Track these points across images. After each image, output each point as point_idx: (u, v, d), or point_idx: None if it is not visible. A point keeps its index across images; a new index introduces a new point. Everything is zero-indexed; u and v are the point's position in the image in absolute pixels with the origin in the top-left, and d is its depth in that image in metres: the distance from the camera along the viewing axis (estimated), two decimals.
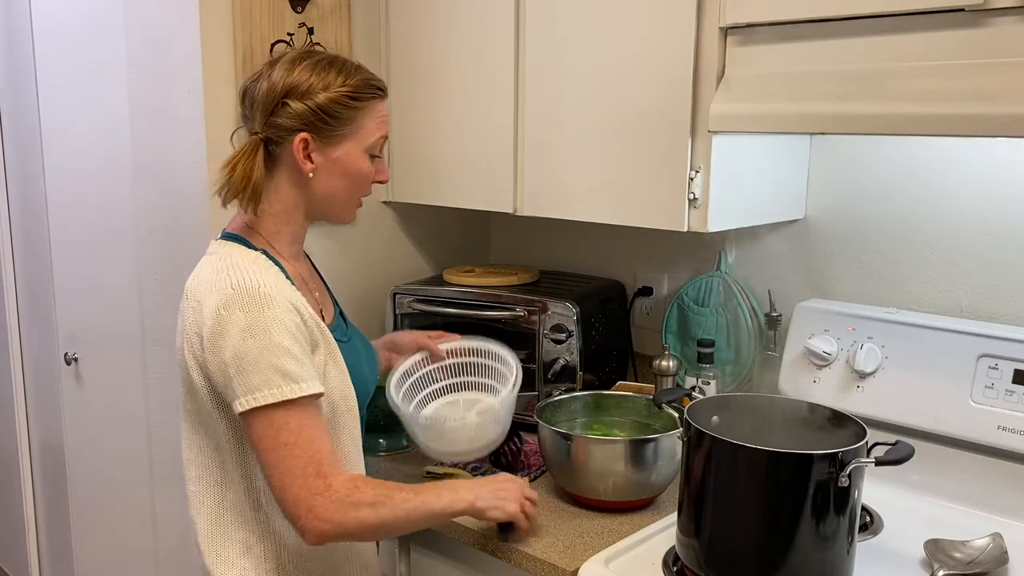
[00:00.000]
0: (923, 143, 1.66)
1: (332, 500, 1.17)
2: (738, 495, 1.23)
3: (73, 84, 2.25)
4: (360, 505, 1.18)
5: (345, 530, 1.18)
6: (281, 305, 1.21)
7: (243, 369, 1.17)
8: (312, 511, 1.16)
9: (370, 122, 1.31)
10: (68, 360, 2.45)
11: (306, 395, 1.18)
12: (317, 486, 1.16)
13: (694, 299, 1.96)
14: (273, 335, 1.18)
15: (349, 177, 1.32)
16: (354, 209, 1.38)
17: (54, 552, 2.81)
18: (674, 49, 1.56)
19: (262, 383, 1.16)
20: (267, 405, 1.16)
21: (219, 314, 1.18)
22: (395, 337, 1.70)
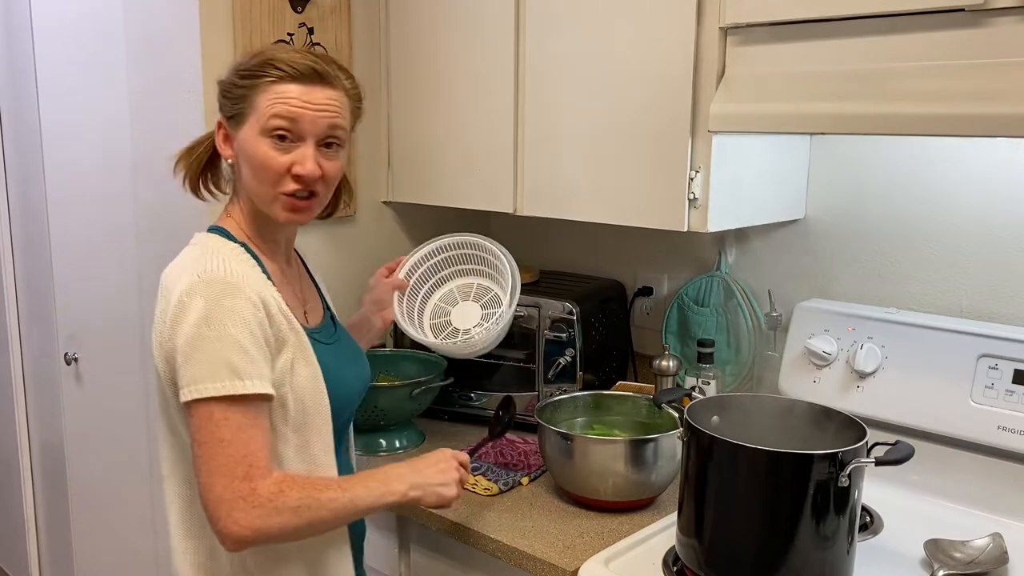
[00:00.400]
0: (923, 143, 1.66)
1: (254, 505, 1.12)
2: (738, 495, 1.23)
3: (73, 84, 2.25)
4: (282, 511, 1.14)
5: (265, 536, 1.14)
6: (244, 296, 1.17)
7: (191, 358, 1.14)
8: (231, 515, 1.12)
9: (264, 102, 1.21)
10: (68, 360, 2.45)
11: (250, 393, 1.14)
12: (242, 489, 1.12)
13: (694, 299, 1.96)
14: (228, 327, 1.14)
15: (249, 163, 1.23)
16: (275, 205, 1.25)
17: (54, 552, 2.81)
18: (674, 49, 1.56)
19: (208, 374, 1.13)
20: (209, 398, 1.13)
21: (181, 300, 1.16)
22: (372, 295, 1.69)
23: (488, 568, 1.53)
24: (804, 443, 1.33)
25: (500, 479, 1.66)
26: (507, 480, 1.66)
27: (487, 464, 1.74)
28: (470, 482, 1.65)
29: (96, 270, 2.30)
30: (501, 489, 1.63)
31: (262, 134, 1.22)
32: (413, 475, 1.28)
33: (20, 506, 2.87)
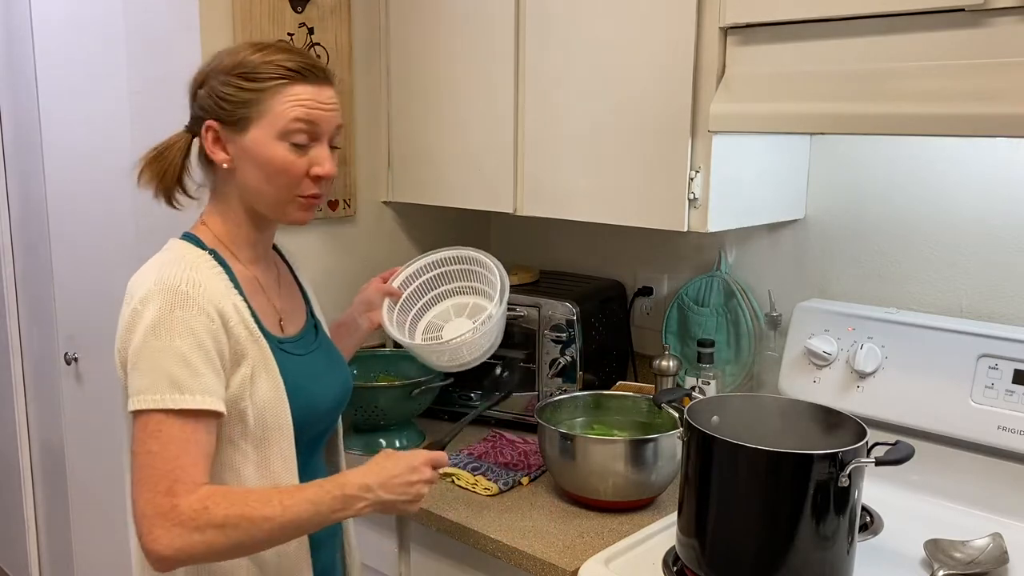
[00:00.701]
0: (923, 143, 1.66)
1: (174, 523, 1.07)
2: (738, 495, 1.23)
3: (73, 84, 2.25)
4: (205, 528, 1.07)
5: (189, 555, 1.08)
6: (197, 307, 1.13)
7: (137, 367, 1.11)
8: (151, 532, 1.07)
9: (278, 105, 1.18)
10: (68, 360, 2.45)
11: (190, 408, 1.10)
12: (163, 505, 1.07)
13: (694, 299, 1.96)
14: (175, 338, 1.11)
15: (262, 168, 1.20)
16: (290, 207, 1.23)
17: (54, 552, 2.81)
18: (674, 49, 1.56)
19: (149, 386, 1.10)
20: (149, 410, 1.10)
21: (135, 308, 1.14)
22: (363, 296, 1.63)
23: (488, 568, 1.53)
24: (804, 443, 1.33)
25: (500, 479, 1.66)
26: (507, 480, 1.66)
27: (487, 464, 1.74)
28: (470, 481, 1.65)
29: (96, 270, 2.30)
30: (501, 489, 1.64)
31: (280, 138, 1.19)
32: (377, 489, 1.18)
33: (20, 506, 2.87)
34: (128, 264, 2.16)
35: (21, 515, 2.87)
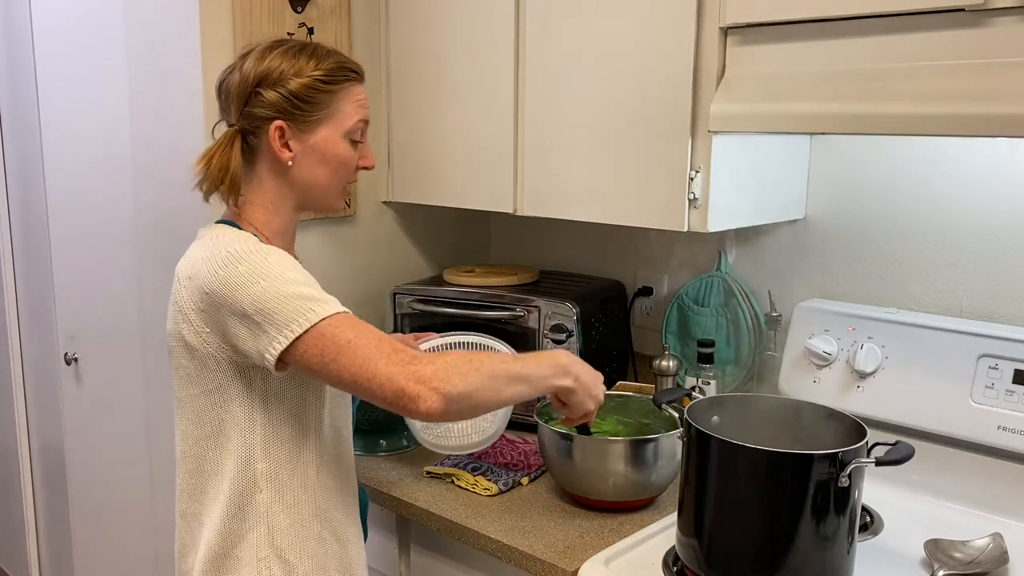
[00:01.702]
0: (923, 143, 1.66)
1: (426, 364, 1.11)
2: (738, 495, 1.23)
3: (73, 84, 2.25)
4: (458, 367, 1.12)
5: (456, 389, 1.11)
6: (281, 255, 1.21)
7: (268, 310, 1.15)
8: (413, 376, 1.10)
9: (347, 106, 1.30)
10: (68, 360, 2.45)
11: (338, 312, 1.16)
12: (403, 358, 1.12)
13: (694, 299, 1.96)
14: (285, 272, 1.18)
15: (329, 163, 1.30)
16: (339, 196, 1.35)
17: (54, 552, 2.81)
18: (674, 49, 1.56)
19: (293, 314, 1.14)
20: (307, 329, 1.14)
21: (219, 275, 1.17)
22: None
23: (488, 568, 1.53)
24: (804, 443, 1.33)
25: (500, 479, 1.66)
26: (507, 480, 1.66)
27: (487, 464, 1.74)
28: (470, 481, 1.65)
29: (96, 270, 2.30)
30: (501, 489, 1.64)
31: (345, 136, 1.30)
32: (581, 376, 1.28)
33: (20, 506, 2.87)
34: (128, 264, 2.17)
35: (21, 515, 2.87)
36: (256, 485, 1.27)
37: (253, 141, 1.29)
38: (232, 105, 1.29)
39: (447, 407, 1.11)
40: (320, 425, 1.30)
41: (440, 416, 1.12)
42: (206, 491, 1.29)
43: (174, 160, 1.94)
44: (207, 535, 1.29)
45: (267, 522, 1.27)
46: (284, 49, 1.29)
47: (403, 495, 1.63)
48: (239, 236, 1.25)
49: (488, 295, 1.98)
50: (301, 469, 1.29)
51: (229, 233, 1.26)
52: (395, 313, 2.09)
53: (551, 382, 1.25)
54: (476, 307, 1.98)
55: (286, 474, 1.28)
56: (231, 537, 1.27)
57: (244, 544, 1.27)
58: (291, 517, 1.28)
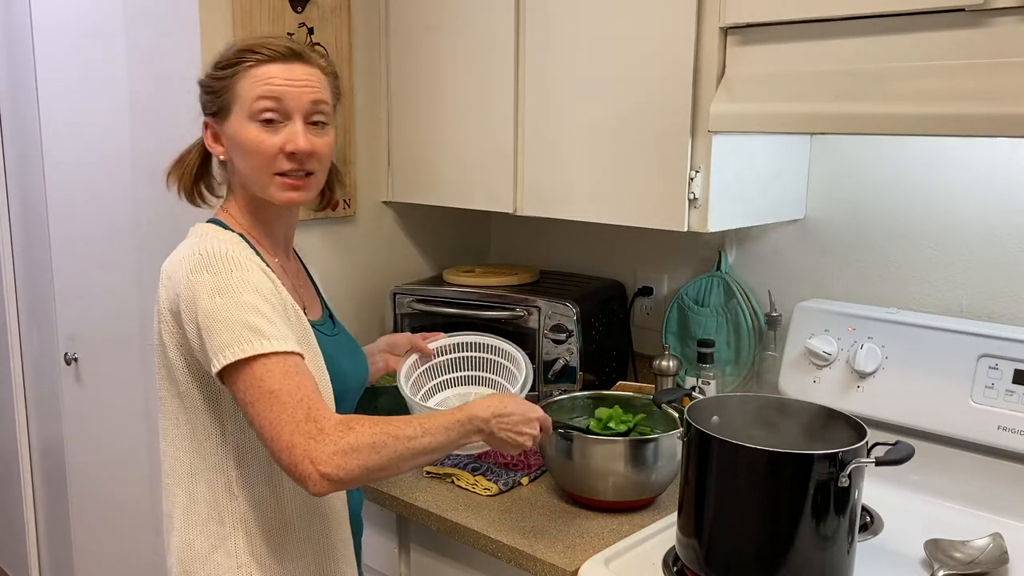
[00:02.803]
0: (923, 143, 1.66)
1: (326, 443, 1.09)
2: (738, 495, 1.23)
3: (73, 84, 2.25)
4: (359, 447, 1.10)
5: (348, 474, 1.10)
6: (251, 269, 1.19)
7: (212, 328, 1.14)
8: (308, 456, 1.08)
9: (246, 88, 1.23)
10: (68, 360, 2.45)
11: (279, 351, 1.13)
12: (309, 429, 1.09)
13: (694, 299, 1.96)
14: (242, 294, 1.15)
15: (241, 150, 1.24)
16: (271, 187, 1.25)
17: (54, 552, 2.81)
18: (674, 49, 1.56)
19: (233, 340, 1.12)
20: (244, 359, 1.12)
21: (188, 280, 1.17)
22: (392, 337, 1.69)
23: (488, 568, 1.53)
24: (804, 443, 1.33)
25: (500, 479, 1.66)
26: (507, 480, 1.66)
27: (487, 464, 1.74)
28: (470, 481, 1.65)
29: (96, 270, 2.30)
30: (501, 489, 1.63)
31: (250, 119, 1.23)
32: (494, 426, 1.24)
33: (20, 506, 2.87)
34: (128, 264, 2.17)
35: (21, 515, 2.87)
36: (231, 491, 1.26)
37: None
38: None
39: (334, 489, 1.11)
40: None
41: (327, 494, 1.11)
42: (180, 493, 1.28)
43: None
44: (179, 536, 1.28)
45: (244, 528, 1.26)
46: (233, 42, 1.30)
47: (403, 495, 1.63)
48: (221, 236, 1.24)
49: (488, 295, 1.98)
50: (276, 478, 1.27)
51: (211, 234, 1.25)
52: (395, 313, 2.09)
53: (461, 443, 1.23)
54: (476, 307, 1.98)
55: (259, 482, 1.26)
56: (210, 540, 1.26)
57: (223, 548, 1.26)
58: (267, 524, 1.27)
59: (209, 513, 1.26)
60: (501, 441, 1.26)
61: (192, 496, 1.27)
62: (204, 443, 1.26)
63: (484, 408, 1.24)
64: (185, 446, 1.27)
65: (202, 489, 1.26)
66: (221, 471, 1.26)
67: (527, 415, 1.28)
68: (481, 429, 1.23)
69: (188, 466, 1.27)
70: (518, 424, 1.26)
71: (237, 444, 1.25)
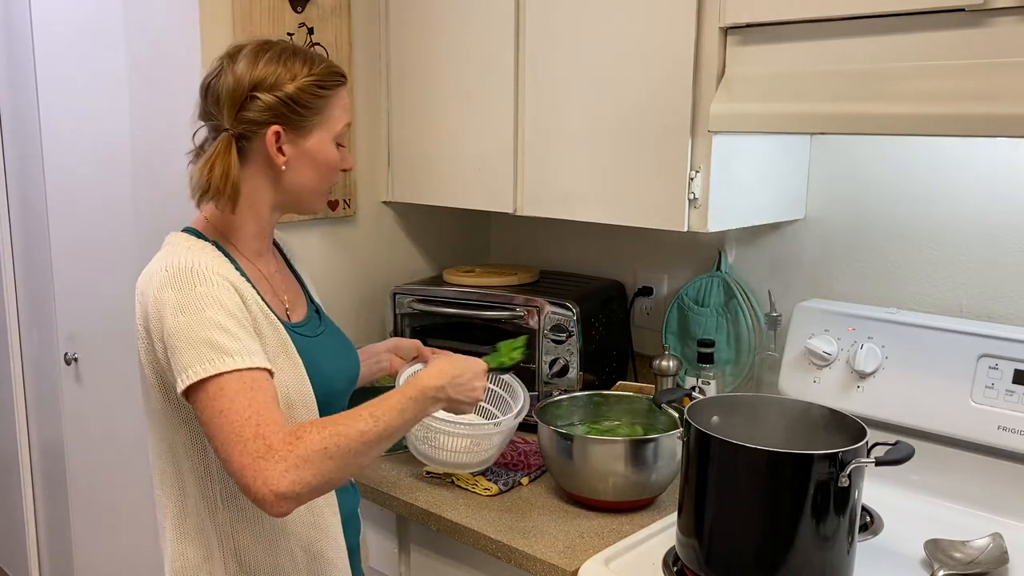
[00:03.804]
0: (923, 143, 1.66)
1: (277, 460, 1.07)
2: (738, 495, 1.23)
3: (73, 84, 2.25)
4: (310, 456, 1.08)
5: (304, 486, 1.08)
6: (215, 283, 1.18)
7: (176, 347, 1.14)
8: (260, 477, 1.06)
9: (337, 110, 1.31)
10: (68, 360, 2.45)
11: (241, 368, 1.13)
12: (258, 448, 1.08)
13: (694, 299, 1.96)
14: (205, 311, 1.15)
15: (319, 167, 1.31)
16: (324, 199, 1.37)
17: (54, 552, 2.81)
18: (674, 49, 1.56)
19: (194, 359, 1.12)
20: (201, 380, 1.12)
21: (156, 297, 1.17)
22: (399, 340, 1.69)
23: (488, 568, 1.53)
24: (804, 443, 1.33)
25: (500, 479, 1.66)
26: (507, 480, 1.66)
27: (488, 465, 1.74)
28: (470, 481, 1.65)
29: (96, 270, 2.30)
30: (501, 489, 1.63)
31: (334, 139, 1.32)
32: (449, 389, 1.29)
33: (20, 506, 2.87)
34: (128, 264, 2.16)
35: (21, 515, 2.87)
36: (216, 504, 1.26)
37: (245, 145, 1.27)
38: (224, 109, 1.26)
39: (296, 506, 1.10)
40: None
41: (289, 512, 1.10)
42: (170, 504, 1.28)
43: (174, 160, 1.93)
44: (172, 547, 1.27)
45: (233, 540, 1.26)
46: (277, 52, 1.27)
47: (403, 495, 1.63)
48: (189, 249, 1.23)
49: (488, 295, 1.98)
50: None
51: (183, 244, 1.25)
52: (395, 313, 2.09)
53: (421, 417, 1.26)
54: (476, 307, 1.98)
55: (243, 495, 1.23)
56: (201, 551, 1.26)
57: (214, 560, 1.26)
58: (255, 534, 1.27)
59: (198, 524, 1.26)
60: (458, 403, 1.32)
61: (182, 508, 1.27)
62: (184, 459, 1.26)
63: (435, 377, 1.28)
64: (169, 459, 1.27)
65: (190, 502, 1.26)
66: (206, 484, 1.26)
67: (473, 369, 1.35)
68: (438, 398, 1.28)
69: (174, 479, 1.27)
70: (471, 380, 1.34)
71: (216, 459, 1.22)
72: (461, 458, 1.59)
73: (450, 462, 1.61)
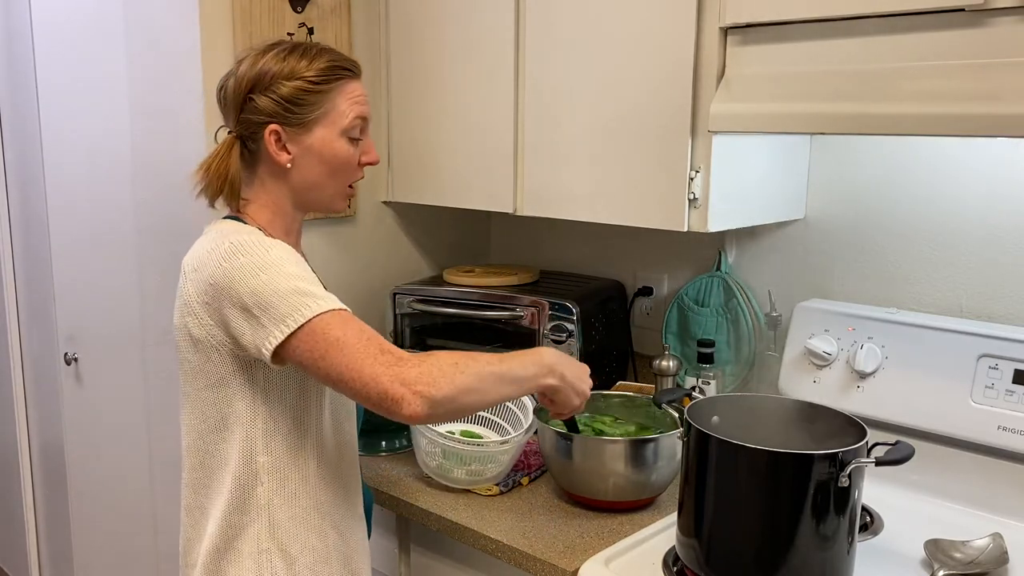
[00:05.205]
0: (924, 143, 1.66)
1: (413, 366, 1.10)
2: (738, 495, 1.23)
3: (73, 84, 2.25)
4: (444, 369, 1.11)
5: (441, 392, 1.10)
6: (283, 248, 1.21)
7: (265, 304, 1.15)
8: (398, 378, 1.09)
9: (342, 104, 1.29)
10: (68, 360, 2.45)
11: (333, 309, 1.16)
12: (389, 360, 1.11)
13: (694, 299, 1.96)
14: (283, 266, 1.18)
15: (327, 163, 1.30)
16: (342, 197, 1.35)
17: (54, 552, 2.81)
18: (674, 49, 1.56)
19: (289, 309, 1.14)
20: (301, 325, 1.14)
21: (223, 267, 1.18)
22: None
23: (488, 568, 1.53)
24: (804, 443, 1.33)
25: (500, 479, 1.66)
26: (507, 480, 1.66)
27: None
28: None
29: (96, 270, 2.30)
30: (501, 489, 1.63)
31: (343, 134, 1.29)
32: (566, 373, 1.28)
33: (20, 506, 2.86)
34: (128, 264, 2.17)
35: (21, 515, 2.87)
36: (258, 478, 1.27)
37: (252, 146, 1.30)
38: (230, 111, 1.30)
39: (431, 411, 1.11)
40: (321, 419, 1.30)
41: (424, 419, 1.12)
42: (210, 484, 1.30)
43: (174, 160, 1.94)
44: (211, 528, 1.29)
45: (268, 515, 1.28)
46: (277, 51, 1.28)
47: (403, 495, 1.63)
48: (243, 228, 1.25)
49: (488, 295, 1.98)
50: (302, 462, 1.29)
51: (234, 226, 1.27)
52: (395, 313, 2.09)
53: (538, 382, 1.25)
54: (476, 307, 1.98)
55: (287, 467, 1.28)
56: (232, 529, 1.28)
57: (245, 536, 1.27)
58: (292, 510, 1.28)
59: (234, 503, 1.27)
60: (566, 394, 1.29)
61: (220, 487, 1.28)
62: (235, 431, 1.26)
63: (552, 355, 1.27)
64: (214, 438, 1.28)
65: (228, 480, 1.27)
66: (250, 459, 1.27)
67: (585, 370, 1.33)
68: (555, 372, 1.26)
69: (219, 458, 1.28)
70: (582, 375, 1.32)
71: (266, 431, 1.26)
72: (472, 476, 1.61)
73: (462, 479, 1.62)
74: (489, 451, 1.60)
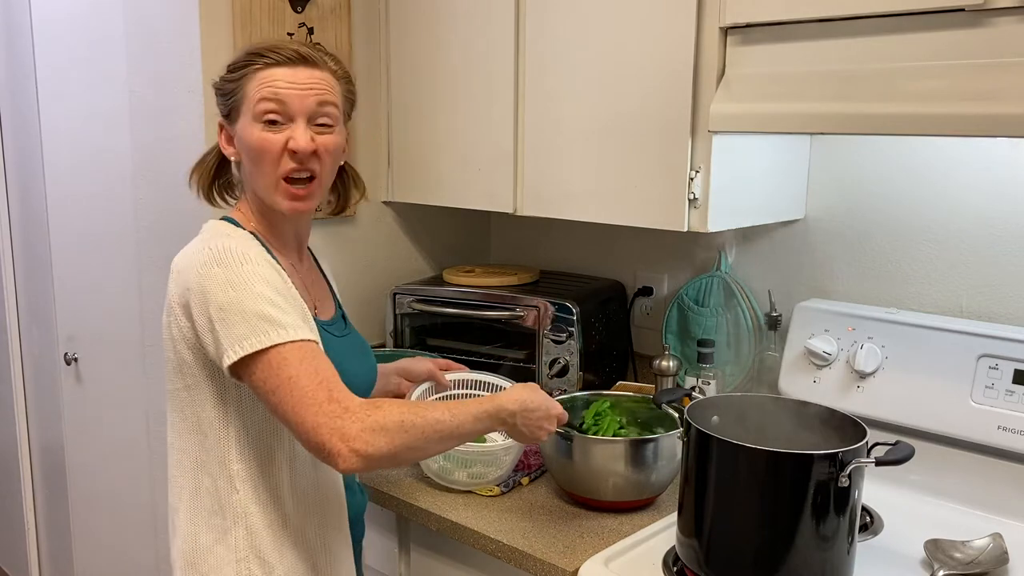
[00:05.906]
0: (923, 143, 1.66)
1: (353, 421, 1.10)
2: (738, 495, 1.23)
3: (73, 84, 2.25)
4: (386, 425, 1.11)
5: (379, 451, 1.10)
6: (260, 262, 1.20)
7: (227, 320, 1.15)
8: (337, 433, 1.09)
9: (251, 90, 1.25)
10: (68, 360, 2.45)
11: (295, 340, 1.15)
12: (333, 410, 1.10)
13: (694, 299, 1.96)
14: (254, 286, 1.16)
15: (247, 152, 1.27)
16: (278, 191, 1.26)
17: (54, 552, 2.81)
18: (674, 49, 1.56)
19: (248, 332, 1.14)
20: (259, 351, 1.13)
21: (199, 274, 1.18)
22: (407, 363, 1.69)
23: (488, 568, 1.53)
24: (804, 443, 1.33)
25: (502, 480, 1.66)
26: (507, 480, 1.66)
27: None
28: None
29: (96, 270, 2.30)
30: (501, 490, 1.63)
31: (255, 120, 1.25)
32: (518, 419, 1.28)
33: (20, 506, 2.87)
34: (128, 264, 2.17)
35: (21, 515, 2.87)
36: (233, 485, 1.27)
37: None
38: None
39: (367, 467, 1.12)
40: None
41: (360, 471, 1.13)
42: (185, 485, 1.29)
43: (174, 160, 1.94)
44: (183, 528, 1.29)
45: (245, 522, 1.27)
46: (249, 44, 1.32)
47: (403, 495, 1.63)
48: (230, 234, 1.25)
49: (488, 295, 1.98)
50: (275, 472, 1.28)
51: (223, 230, 1.27)
52: (395, 313, 2.09)
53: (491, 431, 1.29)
54: (476, 307, 1.98)
55: (260, 476, 1.27)
56: (212, 533, 1.27)
57: (225, 542, 1.27)
58: (268, 518, 1.28)
59: (212, 506, 1.27)
60: (520, 433, 1.31)
61: (197, 489, 1.28)
62: (208, 436, 1.27)
63: (512, 401, 1.28)
64: (191, 439, 1.28)
65: (207, 482, 1.27)
66: (224, 465, 1.27)
67: (549, 411, 1.33)
68: (506, 421, 1.28)
69: (194, 459, 1.28)
70: (540, 420, 1.32)
71: (238, 438, 1.26)
72: (474, 478, 1.61)
73: (464, 481, 1.62)
74: (492, 454, 1.60)
